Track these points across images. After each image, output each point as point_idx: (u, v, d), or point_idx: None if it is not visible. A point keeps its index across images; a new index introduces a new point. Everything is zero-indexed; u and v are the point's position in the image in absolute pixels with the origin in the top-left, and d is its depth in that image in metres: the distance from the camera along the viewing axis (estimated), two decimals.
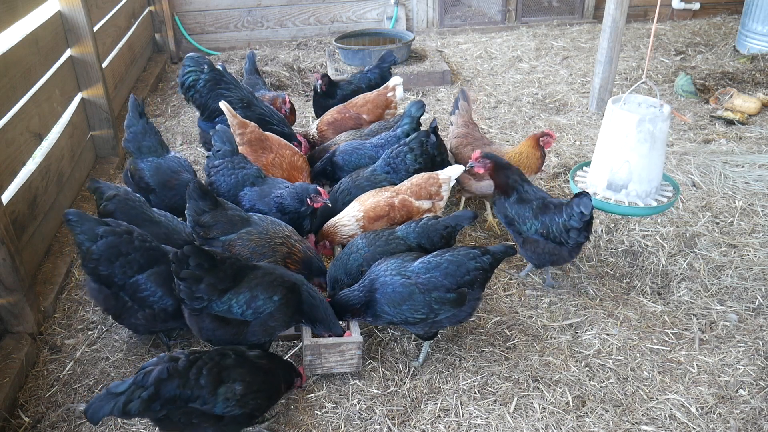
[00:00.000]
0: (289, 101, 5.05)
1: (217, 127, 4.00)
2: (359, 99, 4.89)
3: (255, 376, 2.71)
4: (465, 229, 4.36)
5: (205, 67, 4.66)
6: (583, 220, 3.32)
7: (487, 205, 4.47)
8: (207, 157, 3.96)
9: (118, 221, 3.16)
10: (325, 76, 5.15)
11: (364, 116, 4.80)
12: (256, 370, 2.74)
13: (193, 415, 2.57)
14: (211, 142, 4.05)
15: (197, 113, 4.83)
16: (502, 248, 3.13)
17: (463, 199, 4.51)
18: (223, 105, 4.18)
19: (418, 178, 3.82)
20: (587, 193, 3.31)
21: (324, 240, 3.80)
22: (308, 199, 3.65)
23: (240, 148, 4.19)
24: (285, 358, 3.36)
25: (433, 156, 4.10)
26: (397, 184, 3.90)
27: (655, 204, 3.41)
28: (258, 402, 2.71)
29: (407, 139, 3.98)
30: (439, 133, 4.33)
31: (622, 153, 3.35)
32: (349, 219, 3.72)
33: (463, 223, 3.43)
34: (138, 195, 3.60)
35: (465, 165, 3.86)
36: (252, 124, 4.24)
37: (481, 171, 3.64)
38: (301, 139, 4.74)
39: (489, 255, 3.08)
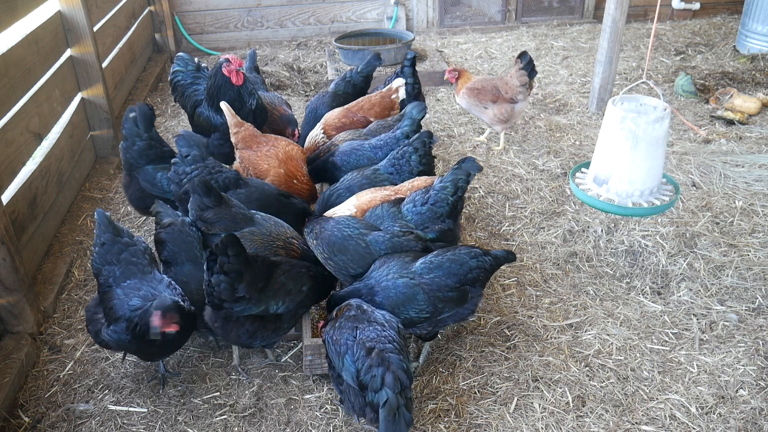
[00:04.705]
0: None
1: (181, 131, 3.79)
2: (365, 102, 4.83)
3: None
4: (466, 230, 4.36)
5: (189, 66, 4.69)
6: None
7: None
8: (173, 163, 3.69)
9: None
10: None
11: (372, 119, 4.77)
12: None
13: None
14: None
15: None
16: (504, 253, 3.14)
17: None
18: (223, 105, 4.18)
19: (420, 181, 3.79)
20: None
21: None
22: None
23: (237, 147, 4.20)
24: (284, 358, 3.36)
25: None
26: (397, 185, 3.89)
27: (630, 206, 3.36)
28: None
29: (410, 140, 3.97)
30: None
31: (606, 147, 3.35)
32: (343, 213, 3.73)
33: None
34: (194, 229, 3.34)
35: None
36: (247, 123, 4.25)
37: None
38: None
39: (490, 257, 3.09)
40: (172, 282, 3.10)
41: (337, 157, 4.27)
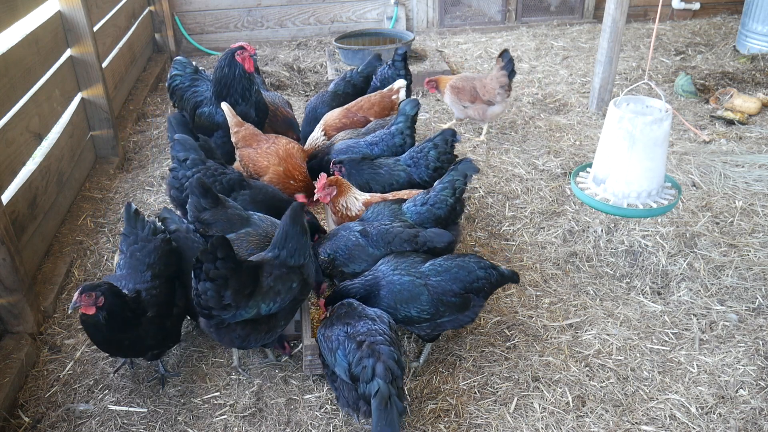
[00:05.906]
0: None
1: (175, 136, 3.80)
2: (364, 102, 4.84)
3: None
4: (466, 230, 4.36)
5: (188, 69, 4.70)
6: None
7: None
8: (171, 169, 3.71)
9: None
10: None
11: (371, 119, 4.78)
12: None
13: None
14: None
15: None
16: (510, 273, 3.18)
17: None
18: (224, 105, 4.19)
19: (404, 193, 3.83)
20: None
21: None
22: None
23: (237, 146, 4.21)
24: (285, 358, 3.36)
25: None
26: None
27: (625, 206, 3.36)
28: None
29: (432, 136, 4.01)
30: None
31: (605, 147, 3.36)
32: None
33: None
34: (198, 235, 3.33)
35: None
36: (247, 123, 4.27)
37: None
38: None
39: (497, 272, 3.13)
40: (156, 288, 3.03)
41: (333, 156, 4.29)
